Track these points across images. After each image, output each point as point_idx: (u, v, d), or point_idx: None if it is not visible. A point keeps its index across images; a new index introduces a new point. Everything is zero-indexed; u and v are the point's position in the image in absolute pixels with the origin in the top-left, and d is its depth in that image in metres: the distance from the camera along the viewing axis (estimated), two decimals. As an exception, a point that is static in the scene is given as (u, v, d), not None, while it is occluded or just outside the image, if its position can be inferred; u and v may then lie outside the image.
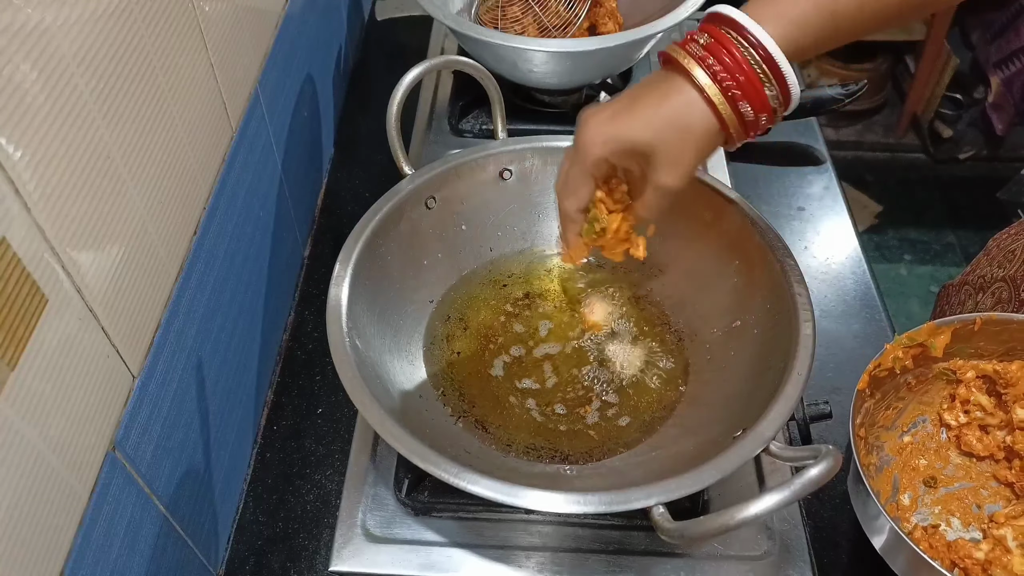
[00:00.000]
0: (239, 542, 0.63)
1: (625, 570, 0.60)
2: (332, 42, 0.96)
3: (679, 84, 0.51)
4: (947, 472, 0.65)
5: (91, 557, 0.42)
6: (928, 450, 0.66)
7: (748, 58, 0.49)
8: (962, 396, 0.66)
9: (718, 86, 0.49)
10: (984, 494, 0.63)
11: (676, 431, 0.63)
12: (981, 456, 0.65)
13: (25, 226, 0.36)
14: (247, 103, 0.65)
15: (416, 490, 0.63)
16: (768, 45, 0.49)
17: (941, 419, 0.67)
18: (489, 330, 0.71)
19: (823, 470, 0.45)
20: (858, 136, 2.40)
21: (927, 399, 0.67)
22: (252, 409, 0.68)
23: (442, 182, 0.72)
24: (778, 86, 0.50)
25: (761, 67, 0.49)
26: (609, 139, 0.53)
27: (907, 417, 0.67)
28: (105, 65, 0.43)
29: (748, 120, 0.50)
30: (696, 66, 0.50)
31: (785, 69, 0.49)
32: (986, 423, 0.65)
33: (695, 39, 0.51)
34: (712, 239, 0.70)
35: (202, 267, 0.56)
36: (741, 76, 0.49)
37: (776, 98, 0.50)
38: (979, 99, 2.23)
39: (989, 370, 0.65)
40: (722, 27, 0.50)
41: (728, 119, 0.50)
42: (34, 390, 0.37)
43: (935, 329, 0.63)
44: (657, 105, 0.51)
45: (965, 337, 0.64)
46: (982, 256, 0.87)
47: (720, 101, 0.49)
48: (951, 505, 0.63)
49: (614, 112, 0.53)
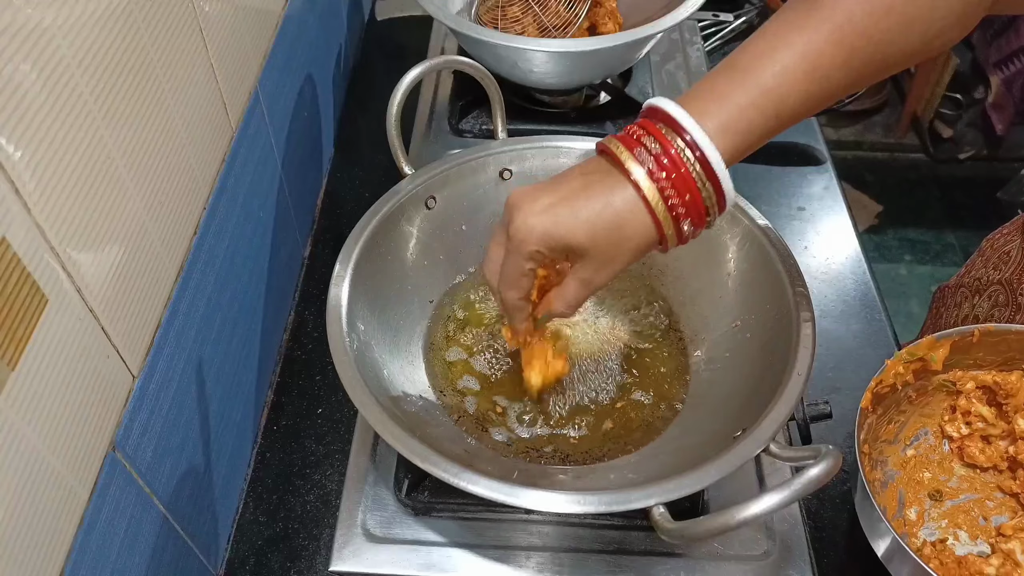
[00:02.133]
0: (239, 542, 0.63)
1: (625, 570, 0.60)
2: (332, 42, 0.96)
3: (619, 181, 0.48)
4: (952, 484, 0.65)
5: (91, 557, 0.42)
6: (931, 462, 0.66)
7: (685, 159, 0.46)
8: (963, 407, 0.65)
9: (655, 187, 0.46)
10: (990, 505, 0.63)
11: (676, 431, 0.63)
12: (984, 467, 0.65)
13: (25, 226, 0.36)
14: (247, 103, 0.65)
15: (416, 490, 0.63)
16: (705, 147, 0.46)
17: (943, 431, 0.66)
18: (489, 330, 0.71)
19: (823, 470, 0.45)
20: (858, 136, 2.41)
21: (928, 411, 0.67)
22: (252, 409, 0.68)
23: (442, 182, 0.72)
24: (713, 190, 0.47)
25: (696, 168, 0.46)
26: (545, 235, 0.49)
27: (909, 430, 0.67)
28: (105, 65, 0.43)
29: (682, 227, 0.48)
30: (634, 163, 0.47)
31: (720, 172, 0.46)
32: (988, 433, 0.65)
33: (638, 136, 0.48)
34: (712, 239, 0.70)
35: (202, 267, 0.56)
36: (676, 176, 0.46)
37: (710, 199, 0.47)
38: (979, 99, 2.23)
39: (989, 381, 0.64)
40: (659, 123, 0.47)
41: (666, 226, 0.47)
42: (34, 390, 0.37)
43: (934, 343, 0.63)
44: (597, 205, 0.48)
45: (964, 349, 0.64)
46: (976, 257, 0.86)
47: (660, 208, 0.47)
48: (958, 518, 0.63)
49: (551, 204, 0.49)
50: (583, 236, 0.48)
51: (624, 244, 0.49)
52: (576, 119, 0.97)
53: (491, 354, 0.69)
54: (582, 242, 0.49)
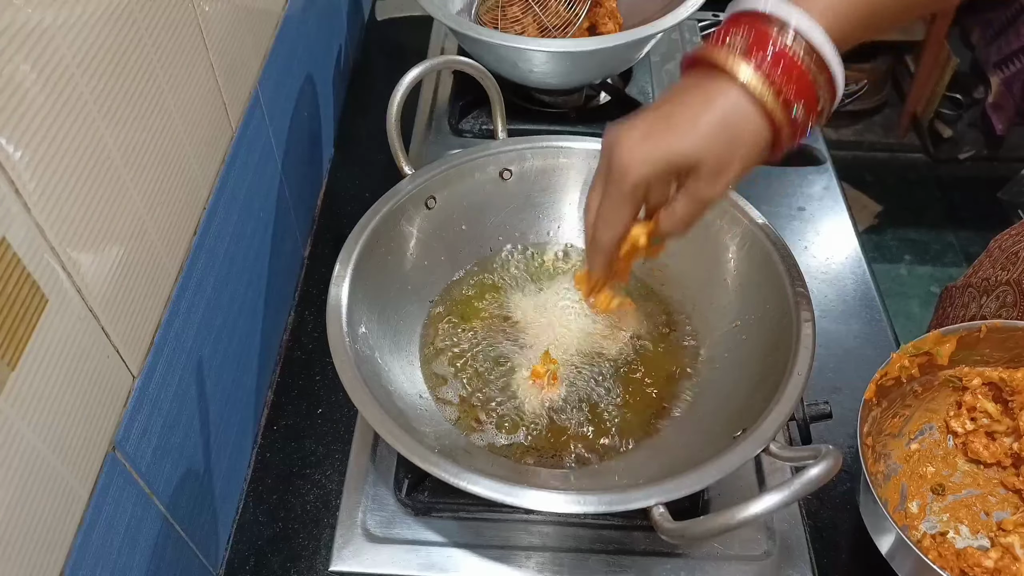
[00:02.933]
0: (239, 542, 0.63)
1: (625, 570, 0.60)
2: (332, 42, 0.96)
3: (721, 86, 0.45)
4: (955, 479, 0.65)
5: (91, 557, 0.42)
6: (935, 457, 0.66)
7: (796, 52, 0.44)
8: (968, 403, 0.65)
9: (768, 84, 0.44)
10: (992, 501, 0.63)
11: (676, 431, 0.63)
12: (988, 463, 0.64)
13: (25, 226, 0.36)
14: (247, 103, 0.65)
15: (416, 490, 0.63)
16: (815, 36, 0.44)
17: (948, 426, 0.66)
18: (489, 330, 0.71)
19: (823, 470, 0.45)
20: (858, 136, 2.40)
21: (934, 406, 0.67)
22: (252, 409, 0.68)
23: (442, 182, 0.72)
24: (825, 82, 0.45)
25: (809, 61, 0.44)
26: (649, 158, 0.47)
27: (914, 425, 0.67)
28: (105, 65, 0.43)
29: (798, 121, 0.46)
30: (742, 63, 0.44)
31: (832, 62, 0.45)
32: (993, 430, 0.65)
33: (731, 36, 0.46)
34: (712, 239, 0.70)
35: (202, 267, 0.56)
36: (793, 72, 0.44)
37: (817, 79, 0.45)
38: (979, 99, 2.23)
39: (995, 377, 0.64)
40: (759, 21, 0.45)
41: (779, 120, 0.45)
42: (34, 390, 0.37)
43: (941, 338, 0.63)
44: (700, 112, 0.46)
45: (971, 344, 0.64)
46: (984, 257, 0.87)
47: (770, 100, 0.44)
48: (959, 512, 0.63)
49: (649, 128, 0.47)
50: (689, 146, 0.46)
51: (735, 145, 0.46)
52: (576, 119, 0.97)
53: (492, 354, 0.69)
54: (688, 152, 0.46)
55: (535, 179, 0.75)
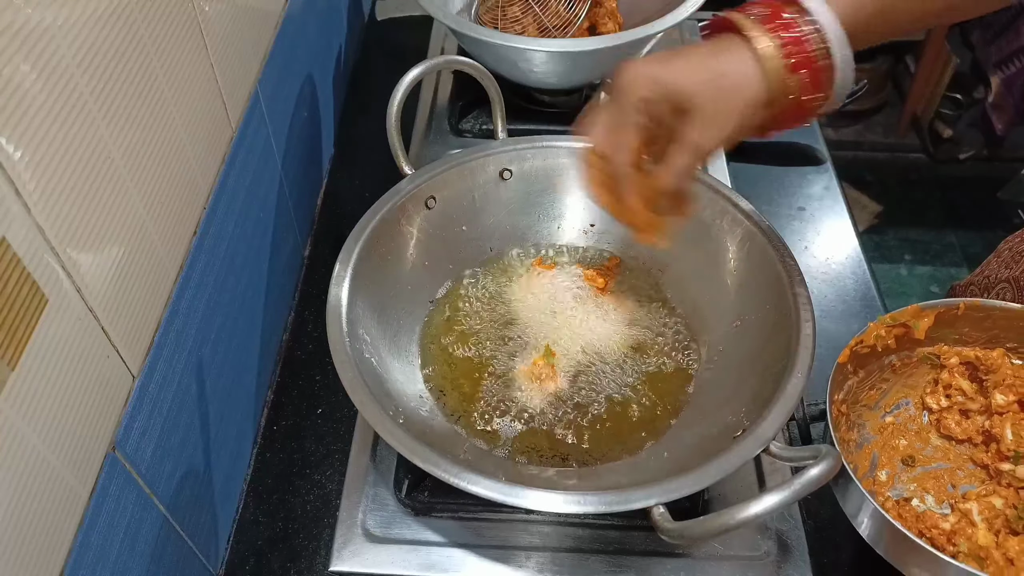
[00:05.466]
0: (239, 542, 0.63)
1: (625, 570, 0.60)
2: (332, 42, 0.96)
3: (733, 45, 0.49)
4: (926, 453, 0.66)
5: (91, 557, 0.42)
6: (909, 431, 0.67)
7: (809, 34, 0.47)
8: (945, 381, 0.66)
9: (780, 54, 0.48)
10: (960, 475, 0.64)
11: (676, 431, 0.63)
12: (960, 439, 0.65)
13: (25, 226, 0.36)
14: (247, 103, 0.65)
15: (416, 490, 0.63)
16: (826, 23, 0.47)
17: (924, 402, 0.67)
18: (489, 330, 0.71)
19: (823, 470, 0.45)
20: (858, 136, 2.40)
21: (911, 382, 0.68)
22: (252, 409, 0.68)
23: (442, 182, 0.72)
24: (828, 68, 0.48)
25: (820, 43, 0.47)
26: (652, 79, 0.50)
27: (891, 399, 0.68)
28: (105, 65, 0.43)
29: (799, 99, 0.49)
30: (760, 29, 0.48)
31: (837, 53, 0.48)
32: (967, 408, 0.66)
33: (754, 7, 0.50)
34: (712, 239, 0.70)
35: (202, 267, 0.56)
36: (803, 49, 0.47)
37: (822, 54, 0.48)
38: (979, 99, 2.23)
39: (972, 356, 0.65)
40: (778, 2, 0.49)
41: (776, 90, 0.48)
42: (34, 390, 0.37)
43: (919, 311, 0.64)
44: (707, 58, 0.50)
45: (949, 322, 0.65)
46: (992, 258, 0.87)
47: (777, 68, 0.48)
48: (927, 483, 0.64)
49: (660, 58, 0.51)
50: (687, 81, 0.49)
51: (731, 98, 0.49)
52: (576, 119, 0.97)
53: (492, 354, 0.69)
54: (685, 86, 0.49)
55: (535, 179, 0.75)
